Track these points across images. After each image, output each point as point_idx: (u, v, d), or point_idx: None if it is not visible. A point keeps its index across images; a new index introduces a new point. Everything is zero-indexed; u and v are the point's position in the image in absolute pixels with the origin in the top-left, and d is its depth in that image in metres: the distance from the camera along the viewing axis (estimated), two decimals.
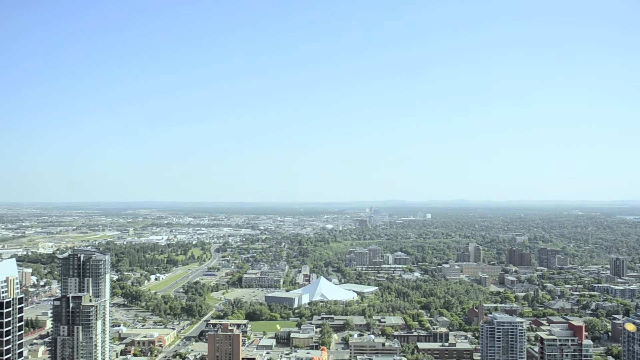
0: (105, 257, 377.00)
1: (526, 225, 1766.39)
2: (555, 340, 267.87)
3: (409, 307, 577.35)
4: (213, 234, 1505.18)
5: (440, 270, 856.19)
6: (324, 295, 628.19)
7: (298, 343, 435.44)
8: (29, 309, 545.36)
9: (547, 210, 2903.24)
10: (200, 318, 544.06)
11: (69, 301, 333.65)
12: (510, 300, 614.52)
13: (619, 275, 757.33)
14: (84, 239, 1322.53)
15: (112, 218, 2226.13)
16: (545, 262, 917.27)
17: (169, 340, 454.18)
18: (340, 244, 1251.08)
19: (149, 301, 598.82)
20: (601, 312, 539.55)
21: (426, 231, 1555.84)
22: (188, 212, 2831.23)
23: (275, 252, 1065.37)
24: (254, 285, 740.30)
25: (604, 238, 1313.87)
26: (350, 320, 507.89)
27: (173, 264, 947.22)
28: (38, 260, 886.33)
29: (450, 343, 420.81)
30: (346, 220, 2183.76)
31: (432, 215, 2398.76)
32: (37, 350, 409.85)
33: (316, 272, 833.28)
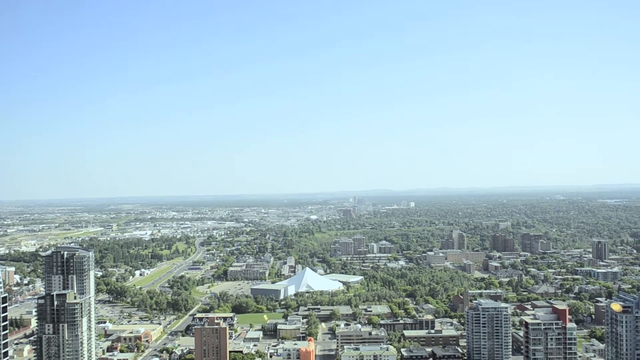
0: (89, 253, 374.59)
1: (509, 211, 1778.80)
2: (540, 325, 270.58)
3: (395, 296, 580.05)
4: (197, 228, 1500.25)
5: (425, 258, 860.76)
6: (309, 286, 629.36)
7: (285, 334, 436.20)
8: (12, 308, 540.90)
9: (530, 195, 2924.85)
10: (186, 312, 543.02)
11: (53, 299, 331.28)
12: (494, 286, 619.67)
13: (601, 258, 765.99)
14: (66, 236, 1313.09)
15: (95, 214, 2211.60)
16: (529, 248, 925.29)
17: (155, 335, 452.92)
18: (325, 234, 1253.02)
19: (134, 297, 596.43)
20: (584, 296, 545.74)
21: (410, 219, 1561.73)
22: (171, 206, 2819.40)
23: (260, 244, 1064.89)
24: (239, 278, 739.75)
25: (586, 222, 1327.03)
26: (336, 310, 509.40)
27: (158, 258, 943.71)
28: (21, 259, 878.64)
29: (436, 330, 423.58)
30: (330, 210, 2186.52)
31: (416, 203, 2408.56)
32: (22, 350, 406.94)
33: (301, 263, 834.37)
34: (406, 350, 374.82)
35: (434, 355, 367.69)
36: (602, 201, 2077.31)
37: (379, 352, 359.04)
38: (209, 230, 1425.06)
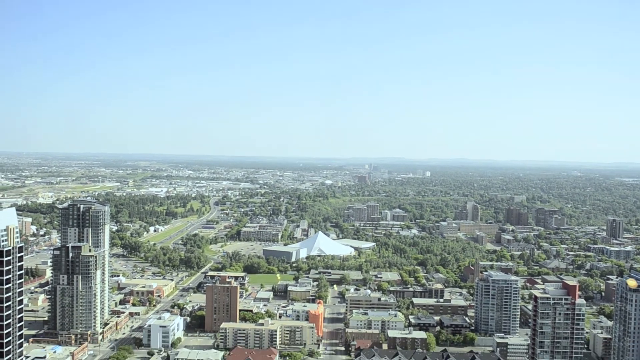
0: (104, 208, 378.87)
1: (525, 185, 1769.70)
2: (549, 299, 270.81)
3: (406, 264, 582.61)
4: (212, 187, 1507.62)
5: (438, 227, 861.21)
6: (321, 250, 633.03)
7: (295, 296, 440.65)
8: (28, 258, 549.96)
9: (547, 170, 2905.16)
10: (198, 270, 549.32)
11: (68, 251, 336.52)
12: (506, 258, 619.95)
13: (614, 236, 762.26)
14: (83, 189, 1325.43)
15: (112, 169, 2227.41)
16: (542, 222, 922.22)
17: (167, 291, 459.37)
18: (339, 199, 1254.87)
19: (147, 252, 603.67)
20: (595, 273, 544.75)
21: (425, 189, 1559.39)
22: (187, 164, 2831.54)
23: (274, 207, 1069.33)
24: (252, 239, 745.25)
25: (602, 199, 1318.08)
26: (347, 275, 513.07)
27: (172, 216, 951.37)
28: (38, 210, 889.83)
29: (445, 299, 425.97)
30: (345, 176, 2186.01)
31: (432, 173, 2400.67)
32: (37, 299, 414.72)
33: (314, 227, 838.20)
34: (414, 318, 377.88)
35: (441, 324, 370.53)
36: (620, 179, 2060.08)
37: (387, 318, 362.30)
38: (224, 190, 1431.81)
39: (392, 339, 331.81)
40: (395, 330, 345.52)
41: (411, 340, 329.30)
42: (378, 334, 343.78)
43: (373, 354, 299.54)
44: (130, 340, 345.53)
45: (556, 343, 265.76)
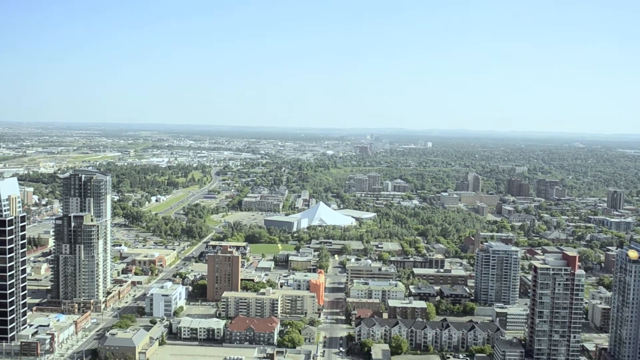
0: (106, 177, 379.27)
1: (526, 156, 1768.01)
2: (549, 270, 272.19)
3: (407, 234, 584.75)
4: (213, 157, 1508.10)
5: (439, 198, 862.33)
6: (322, 220, 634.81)
7: (296, 266, 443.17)
8: (31, 228, 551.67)
9: (548, 141, 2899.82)
10: (200, 239, 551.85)
11: (70, 220, 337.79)
12: (506, 229, 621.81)
13: (615, 207, 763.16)
14: (84, 159, 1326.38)
15: (113, 139, 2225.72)
16: (544, 193, 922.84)
17: (169, 260, 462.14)
18: (340, 170, 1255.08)
19: (149, 222, 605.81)
20: (595, 244, 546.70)
21: (426, 159, 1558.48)
22: (189, 135, 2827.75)
23: (275, 177, 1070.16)
24: (253, 209, 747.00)
25: (603, 171, 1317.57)
26: (348, 245, 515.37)
27: (173, 186, 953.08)
28: (39, 180, 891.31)
29: (445, 269, 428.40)
30: (347, 146, 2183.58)
31: (433, 143, 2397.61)
32: (39, 268, 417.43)
33: (315, 197, 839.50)
34: (415, 287, 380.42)
35: (441, 294, 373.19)
36: (622, 151, 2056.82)
37: (387, 288, 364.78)
38: (225, 160, 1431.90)
39: (392, 308, 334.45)
40: (395, 299, 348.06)
41: (411, 309, 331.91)
42: (378, 304, 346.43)
43: (373, 323, 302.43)
44: (133, 309, 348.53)
45: (555, 313, 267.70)
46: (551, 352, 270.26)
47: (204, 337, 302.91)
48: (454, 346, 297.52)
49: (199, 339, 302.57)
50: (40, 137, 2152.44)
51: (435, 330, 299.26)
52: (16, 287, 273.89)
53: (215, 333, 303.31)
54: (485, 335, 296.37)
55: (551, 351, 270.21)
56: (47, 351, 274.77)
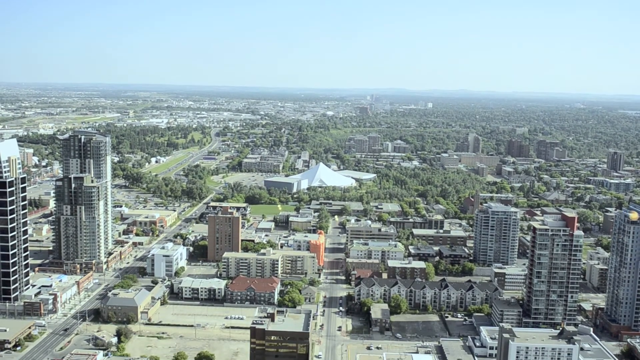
0: (105, 139, 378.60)
1: (527, 117, 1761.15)
2: (548, 230, 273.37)
3: (406, 195, 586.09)
4: (213, 118, 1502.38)
5: (439, 159, 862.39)
6: (322, 181, 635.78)
7: (296, 227, 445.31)
8: (31, 189, 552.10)
9: (550, 102, 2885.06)
10: (200, 201, 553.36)
11: (71, 182, 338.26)
12: (506, 190, 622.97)
13: (615, 169, 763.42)
14: (84, 120, 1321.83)
15: (112, 100, 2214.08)
16: (544, 154, 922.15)
17: (170, 221, 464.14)
18: (340, 131, 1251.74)
19: (149, 183, 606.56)
20: (594, 205, 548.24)
21: (427, 120, 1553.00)
22: (188, 95, 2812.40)
23: (275, 138, 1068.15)
24: (253, 170, 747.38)
25: (604, 132, 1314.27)
26: (347, 206, 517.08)
27: (173, 147, 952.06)
28: (39, 141, 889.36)
29: (444, 230, 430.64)
30: (347, 107, 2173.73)
31: (434, 104, 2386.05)
32: (41, 229, 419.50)
33: (315, 158, 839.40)
34: (414, 248, 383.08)
35: (441, 254, 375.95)
36: (623, 112, 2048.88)
37: (387, 248, 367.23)
38: (225, 121, 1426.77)
39: (391, 268, 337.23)
40: (395, 260, 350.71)
41: (410, 270, 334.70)
42: (378, 264, 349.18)
43: (373, 283, 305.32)
44: (134, 269, 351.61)
45: (553, 273, 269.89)
46: (548, 312, 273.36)
47: (205, 297, 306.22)
48: (453, 306, 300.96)
49: (200, 298, 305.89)
50: (38, 98, 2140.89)
51: (434, 290, 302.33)
52: (18, 248, 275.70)
53: (216, 293, 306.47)
54: (484, 295, 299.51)
55: (548, 311, 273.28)
56: (50, 311, 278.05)
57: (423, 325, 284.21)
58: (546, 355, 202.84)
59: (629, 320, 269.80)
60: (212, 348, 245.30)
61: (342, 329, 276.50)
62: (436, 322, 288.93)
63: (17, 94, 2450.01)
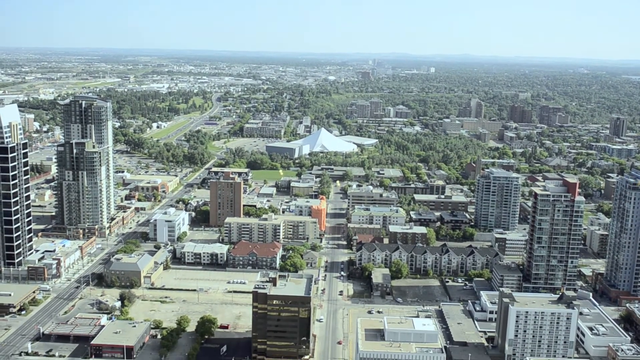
0: (106, 104, 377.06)
1: (530, 82, 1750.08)
2: (549, 196, 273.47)
3: (408, 160, 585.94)
4: (214, 83, 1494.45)
5: (441, 124, 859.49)
6: (324, 147, 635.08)
7: (298, 192, 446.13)
8: (33, 154, 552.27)
9: (553, 67, 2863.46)
10: (202, 166, 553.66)
11: (72, 147, 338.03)
12: (508, 156, 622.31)
13: (618, 134, 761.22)
14: (84, 85, 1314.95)
15: (112, 65, 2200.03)
16: (546, 120, 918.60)
17: (172, 186, 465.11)
18: (342, 96, 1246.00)
19: (151, 148, 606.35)
20: (596, 171, 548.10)
21: (429, 85, 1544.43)
22: (189, 60, 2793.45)
23: (276, 103, 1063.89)
24: (255, 135, 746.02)
25: (607, 97, 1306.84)
26: (349, 171, 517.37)
27: (174, 112, 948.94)
28: (39, 106, 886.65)
29: (446, 195, 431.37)
30: (349, 72, 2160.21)
31: (436, 69, 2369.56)
32: (43, 194, 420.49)
33: (317, 124, 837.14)
34: (415, 213, 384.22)
35: (442, 220, 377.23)
36: (627, 77, 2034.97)
37: (388, 214, 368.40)
38: (226, 86, 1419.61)
39: (393, 233, 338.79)
40: (396, 225, 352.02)
41: (412, 235, 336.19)
42: (379, 229, 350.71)
43: (374, 248, 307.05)
44: (137, 234, 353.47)
45: (554, 239, 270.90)
46: (548, 277, 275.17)
47: (207, 262, 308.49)
48: (453, 271, 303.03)
49: (202, 263, 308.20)
50: (38, 63, 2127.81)
51: (435, 255, 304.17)
52: (21, 213, 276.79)
53: (218, 258, 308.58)
54: (484, 260, 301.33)
55: (548, 276, 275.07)
56: (54, 276, 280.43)
57: (424, 289, 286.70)
58: (545, 320, 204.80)
59: (629, 285, 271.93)
60: (214, 312, 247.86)
61: (343, 293, 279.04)
62: (437, 286, 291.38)
63: (16, 58, 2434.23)
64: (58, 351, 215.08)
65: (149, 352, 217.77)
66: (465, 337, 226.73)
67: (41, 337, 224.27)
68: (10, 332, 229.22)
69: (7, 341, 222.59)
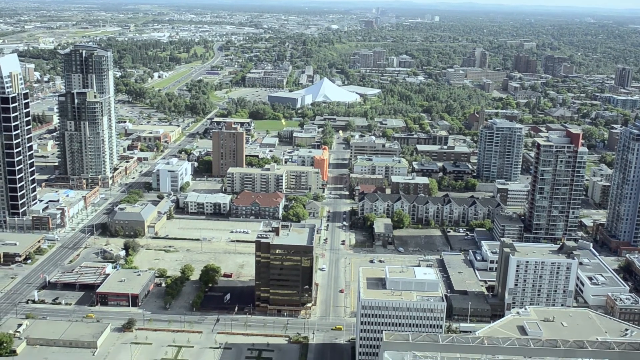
0: (107, 53, 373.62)
1: (536, 31, 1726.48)
2: (552, 147, 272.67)
3: (411, 110, 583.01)
4: (216, 32, 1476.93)
5: (445, 74, 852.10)
6: (326, 97, 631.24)
7: (300, 142, 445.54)
8: (34, 105, 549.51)
9: (559, 16, 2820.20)
10: (204, 116, 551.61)
11: (74, 97, 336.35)
12: (511, 106, 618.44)
13: (623, 85, 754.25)
14: (84, 34, 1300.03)
15: (112, 13, 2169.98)
16: (551, 70, 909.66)
17: (174, 136, 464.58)
18: (345, 45, 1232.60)
19: (153, 98, 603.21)
20: (600, 121, 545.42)
21: (433, 34, 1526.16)
22: (190, 8, 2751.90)
23: (278, 52, 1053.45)
24: (257, 85, 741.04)
25: (613, 47, 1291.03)
26: (352, 122, 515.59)
27: (176, 61, 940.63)
28: (40, 56, 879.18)
29: (449, 146, 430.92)
30: (352, 20, 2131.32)
31: (440, 18, 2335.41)
32: (46, 145, 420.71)
33: (320, 73, 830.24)
34: (418, 164, 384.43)
35: (444, 170, 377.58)
36: (634, 27, 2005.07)
37: (391, 164, 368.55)
38: (228, 35, 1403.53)
39: (395, 184, 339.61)
40: (398, 175, 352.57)
41: (414, 185, 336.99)
42: (382, 179, 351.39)
43: (376, 198, 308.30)
44: (140, 184, 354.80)
45: (555, 189, 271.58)
46: (549, 227, 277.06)
47: (210, 212, 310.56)
48: (455, 221, 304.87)
49: (205, 213, 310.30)
50: (38, 12, 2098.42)
51: (437, 206, 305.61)
52: (24, 163, 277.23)
53: (221, 208, 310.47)
54: (486, 210, 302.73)
55: (549, 226, 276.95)
56: (59, 225, 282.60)
57: (425, 239, 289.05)
58: (545, 270, 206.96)
59: (629, 236, 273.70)
60: (218, 261, 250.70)
61: (345, 243, 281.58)
62: (438, 236, 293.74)
63: (15, 7, 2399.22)
64: (64, 299, 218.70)
65: (154, 300, 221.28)
66: (465, 286, 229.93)
67: (47, 285, 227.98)
68: (16, 281, 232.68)
69: (14, 289, 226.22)
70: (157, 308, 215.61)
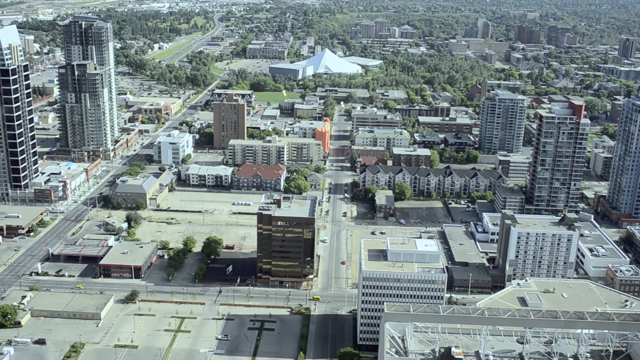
0: (107, 24, 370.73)
1: (539, 1, 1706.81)
2: (554, 118, 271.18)
3: (413, 82, 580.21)
4: (216, 2, 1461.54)
5: (447, 45, 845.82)
6: (328, 68, 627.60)
7: (302, 114, 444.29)
8: (34, 77, 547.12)
9: None
10: (205, 88, 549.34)
11: (74, 69, 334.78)
12: (514, 77, 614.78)
13: (626, 56, 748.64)
14: (83, 5, 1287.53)
15: None
16: (554, 40, 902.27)
17: (175, 108, 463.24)
18: (347, 15, 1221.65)
19: (153, 70, 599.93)
20: (603, 93, 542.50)
21: (435, 4, 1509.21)
22: None
23: (279, 23, 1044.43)
24: (258, 56, 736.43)
25: (617, 17, 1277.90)
26: (353, 93, 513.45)
27: (176, 32, 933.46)
28: (39, 27, 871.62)
29: (450, 117, 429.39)
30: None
31: None
32: (47, 117, 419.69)
33: (321, 44, 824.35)
34: (419, 135, 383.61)
35: (446, 142, 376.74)
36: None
37: (392, 136, 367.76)
38: (228, 5, 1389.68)
39: (396, 156, 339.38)
40: (400, 147, 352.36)
41: (415, 157, 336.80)
42: (383, 151, 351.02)
43: (378, 170, 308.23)
44: (141, 156, 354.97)
45: (557, 161, 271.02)
46: (551, 199, 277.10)
47: (212, 184, 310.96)
48: (456, 193, 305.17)
49: (207, 185, 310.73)
50: None
51: (439, 177, 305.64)
52: (25, 136, 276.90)
53: (223, 180, 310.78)
54: (487, 182, 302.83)
55: (551, 198, 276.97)
56: (61, 198, 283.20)
57: (426, 211, 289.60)
58: (546, 241, 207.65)
59: (630, 207, 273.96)
60: (220, 233, 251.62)
61: (347, 214, 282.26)
62: (439, 208, 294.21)
63: None
64: (67, 271, 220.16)
65: (157, 271, 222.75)
66: (466, 258, 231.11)
67: (50, 257, 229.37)
68: (20, 253, 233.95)
69: (18, 261, 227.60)
70: (159, 280, 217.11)
